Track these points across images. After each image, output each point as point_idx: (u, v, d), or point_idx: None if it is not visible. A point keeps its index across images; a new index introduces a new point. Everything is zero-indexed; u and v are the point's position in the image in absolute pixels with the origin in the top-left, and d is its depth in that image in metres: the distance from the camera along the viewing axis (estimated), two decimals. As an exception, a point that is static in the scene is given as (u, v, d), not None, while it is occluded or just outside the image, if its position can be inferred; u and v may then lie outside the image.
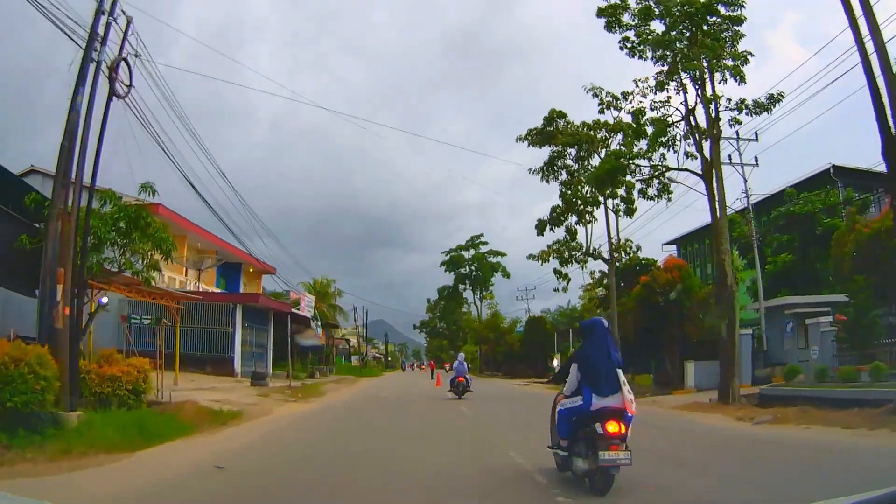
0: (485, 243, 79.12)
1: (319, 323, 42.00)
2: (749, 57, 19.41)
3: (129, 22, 11.48)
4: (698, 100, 19.89)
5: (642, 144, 22.44)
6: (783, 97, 19.19)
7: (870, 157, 30.48)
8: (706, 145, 20.17)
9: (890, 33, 21.41)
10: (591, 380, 6.26)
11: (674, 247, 46.92)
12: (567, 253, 33.49)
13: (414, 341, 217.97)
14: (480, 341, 69.31)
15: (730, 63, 19.21)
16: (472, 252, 79.18)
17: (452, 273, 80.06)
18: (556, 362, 55.27)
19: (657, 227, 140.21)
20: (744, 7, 19.17)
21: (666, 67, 20.15)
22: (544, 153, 33.07)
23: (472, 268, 79.01)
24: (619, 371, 6.27)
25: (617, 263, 33.26)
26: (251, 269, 45.78)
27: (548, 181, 32.83)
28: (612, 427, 5.88)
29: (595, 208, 32.67)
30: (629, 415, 6.10)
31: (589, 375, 6.34)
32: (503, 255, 77.88)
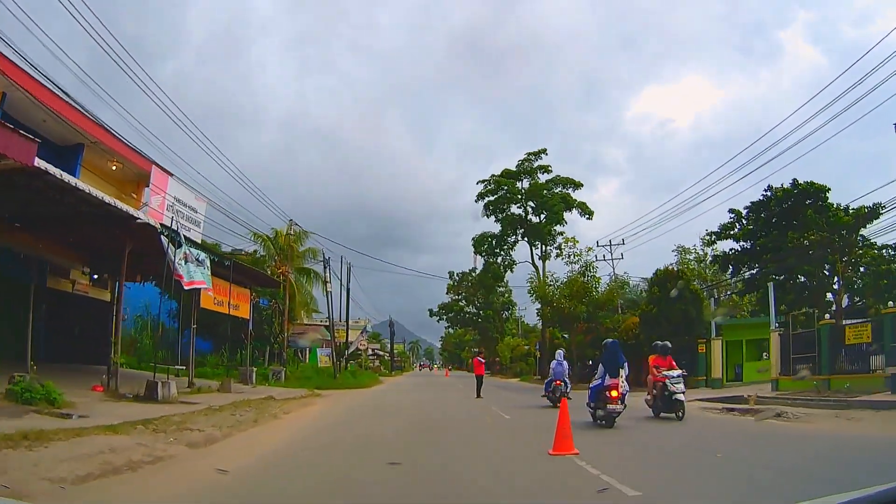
0: (547, 168, 46.48)
1: (196, 256, 16.48)
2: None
3: None
4: None
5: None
6: None
7: None
8: None
9: None
10: (608, 369, 12.49)
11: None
12: None
13: (426, 341, 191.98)
14: (556, 321, 37.74)
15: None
16: (529, 181, 46.24)
17: (493, 218, 48.12)
18: (719, 358, 29.77)
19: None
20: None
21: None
22: None
23: (530, 206, 45.87)
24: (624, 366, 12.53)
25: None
26: (114, 166, 22.91)
27: None
28: (613, 392, 12.00)
29: None
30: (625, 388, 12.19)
31: (607, 367, 12.65)
32: (579, 185, 45.99)
